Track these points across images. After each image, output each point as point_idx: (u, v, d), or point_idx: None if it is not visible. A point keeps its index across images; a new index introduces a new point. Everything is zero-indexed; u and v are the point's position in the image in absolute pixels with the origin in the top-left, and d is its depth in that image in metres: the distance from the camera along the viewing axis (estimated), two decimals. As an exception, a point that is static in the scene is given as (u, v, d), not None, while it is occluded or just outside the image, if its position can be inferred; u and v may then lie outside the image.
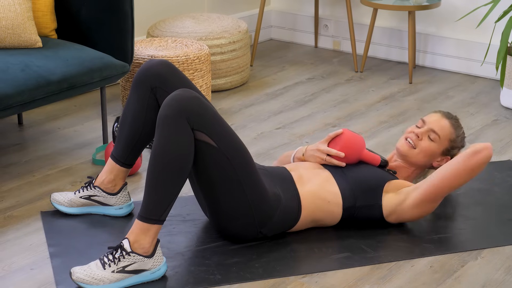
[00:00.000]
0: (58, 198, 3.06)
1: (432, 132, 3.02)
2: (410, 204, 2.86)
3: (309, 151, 3.05)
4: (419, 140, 3.02)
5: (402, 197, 2.88)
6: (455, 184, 2.82)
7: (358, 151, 2.97)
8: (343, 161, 2.97)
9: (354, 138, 2.97)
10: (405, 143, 3.04)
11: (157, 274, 2.64)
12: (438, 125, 3.03)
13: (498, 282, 2.67)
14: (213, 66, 4.43)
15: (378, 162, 2.99)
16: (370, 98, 4.47)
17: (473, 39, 4.82)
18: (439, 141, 3.01)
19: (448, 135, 3.02)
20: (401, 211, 2.89)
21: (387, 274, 2.71)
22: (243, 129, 3.97)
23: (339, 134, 3.00)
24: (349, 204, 2.89)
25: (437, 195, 2.84)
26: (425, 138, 3.02)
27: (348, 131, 2.99)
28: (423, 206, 2.86)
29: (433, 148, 3.01)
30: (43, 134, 3.88)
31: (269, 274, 2.69)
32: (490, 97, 4.48)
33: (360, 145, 2.97)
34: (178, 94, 2.65)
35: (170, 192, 2.59)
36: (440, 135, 3.01)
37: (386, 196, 2.90)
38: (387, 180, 2.93)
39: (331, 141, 3.01)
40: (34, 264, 2.74)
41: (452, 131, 3.03)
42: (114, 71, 3.54)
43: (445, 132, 3.02)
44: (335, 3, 5.37)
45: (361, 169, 2.96)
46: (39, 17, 3.60)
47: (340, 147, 2.96)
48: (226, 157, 2.69)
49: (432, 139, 3.01)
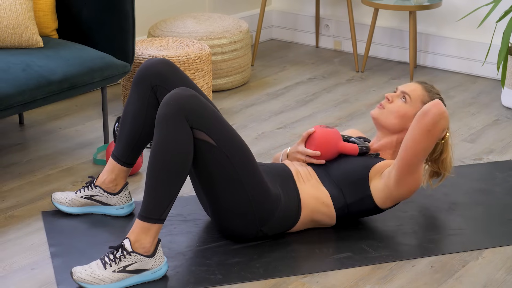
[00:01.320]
0: (59, 198, 3.06)
1: (404, 94, 2.96)
2: (393, 184, 2.81)
3: (291, 153, 3.05)
4: (390, 103, 2.97)
5: (385, 179, 2.84)
6: (418, 150, 2.74)
7: (333, 146, 2.96)
8: (321, 158, 2.96)
9: (326, 134, 2.96)
10: (376, 108, 3.00)
11: (158, 274, 2.64)
12: (409, 88, 2.97)
13: (499, 282, 2.67)
14: (214, 66, 4.43)
15: (356, 151, 2.95)
16: (371, 98, 4.47)
17: (474, 39, 4.82)
18: (411, 103, 2.94)
19: (420, 96, 2.95)
20: (390, 193, 2.84)
21: (388, 274, 2.71)
22: (244, 129, 3.97)
23: (311, 133, 2.99)
24: (340, 204, 2.88)
25: (410, 166, 2.77)
26: (396, 100, 2.97)
27: (319, 128, 2.98)
28: (405, 181, 2.80)
29: (404, 108, 2.94)
30: (44, 134, 3.88)
31: (270, 274, 2.69)
32: (491, 97, 4.48)
33: (334, 140, 2.96)
34: (177, 92, 2.65)
35: (170, 191, 2.59)
36: (411, 96, 2.94)
37: (372, 184, 2.87)
38: (370, 167, 2.88)
39: (306, 141, 3.01)
40: (35, 264, 2.74)
41: (425, 93, 2.96)
42: (115, 71, 3.54)
43: (416, 93, 2.95)
44: (336, 3, 5.37)
45: (342, 164, 2.93)
46: (40, 17, 3.60)
47: (315, 146, 2.96)
48: (226, 155, 2.69)
49: (405, 101, 2.95)
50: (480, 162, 3.61)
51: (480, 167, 3.56)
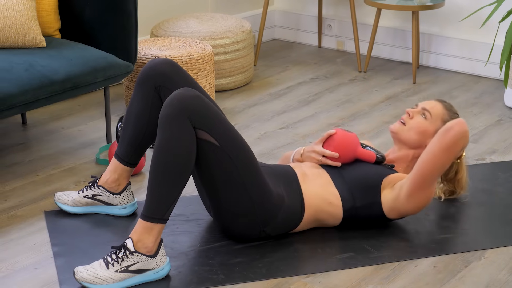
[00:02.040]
0: (62, 197, 3.06)
1: (424, 111, 3.00)
2: (404, 197, 2.84)
3: (306, 152, 3.05)
4: (410, 118, 3.01)
5: (397, 191, 2.86)
6: (437, 166, 2.78)
7: (352, 150, 2.96)
8: (338, 161, 2.97)
9: (347, 137, 2.96)
10: (397, 122, 3.04)
11: (161, 274, 2.64)
12: (430, 105, 3.02)
13: (502, 282, 2.67)
14: (217, 66, 4.43)
15: (373, 158, 2.97)
16: (374, 98, 4.47)
17: (477, 39, 4.82)
18: (431, 120, 2.99)
19: (440, 114, 2.99)
20: (399, 205, 2.87)
21: (391, 274, 2.71)
22: (247, 129, 3.97)
23: (332, 134, 2.99)
24: (349, 205, 2.89)
25: (424, 181, 2.80)
26: (416, 116, 3.01)
27: (341, 130, 2.99)
28: (416, 195, 2.83)
29: (425, 125, 2.98)
30: (46, 133, 3.88)
31: (273, 274, 2.69)
32: (494, 97, 4.48)
33: (353, 144, 2.96)
34: (180, 93, 2.65)
35: (172, 191, 2.60)
36: (431, 113, 2.99)
37: (384, 193, 2.89)
38: (384, 176, 2.91)
39: (325, 141, 3.00)
40: (38, 263, 2.75)
41: (445, 112, 3.00)
42: (117, 71, 3.55)
43: (437, 111, 3.00)
44: (339, 3, 5.37)
45: (357, 168, 2.95)
46: (43, 17, 3.60)
47: (334, 148, 2.96)
48: (229, 156, 2.69)
49: (425, 118, 2.99)
50: (482, 163, 3.61)
51: (482, 167, 3.56)
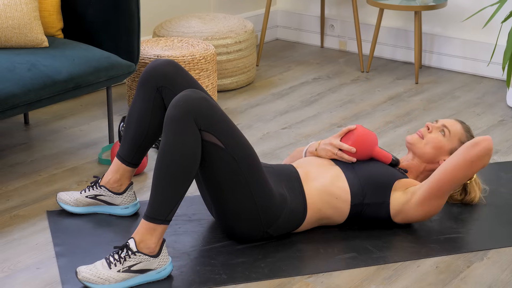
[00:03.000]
0: (64, 197, 3.07)
1: (444, 127, 3.03)
2: (415, 203, 2.86)
3: (322, 145, 3.05)
4: (429, 132, 3.04)
5: (408, 196, 2.88)
6: (456, 177, 2.81)
7: (370, 148, 2.97)
8: (354, 156, 2.97)
9: (367, 135, 2.97)
10: (415, 134, 3.07)
11: (163, 274, 2.64)
12: (450, 123, 3.05)
13: (504, 283, 2.67)
14: (219, 66, 4.43)
15: (389, 160, 2.99)
16: (376, 98, 4.47)
17: (480, 39, 4.82)
18: (449, 137, 3.02)
19: (458, 133, 3.03)
20: (408, 210, 2.88)
21: (393, 275, 2.71)
22: (249, 129, 3.97)
23: (352, 129, 3.00)
24: (357, 200, 2.89)
25: (440, 190, 2.83)
26: (435, 131, 3.03)
27: (361, 127, 3.00)
28: (428, 203, 2.85)
29: (442, 141, 3.01)
30: (49, 133, 3.88)
31: (275, 274, 2.69)
32: (496, 98, 4.48)
33: (372, 142, 2.97)
34: (186, 94, 2.65)
35: (176, 192, 2.60)
36: (451, 131, 3.02)
37: (394, 195, 2.90)
38: (397, 179, 2.93)
39: (344, 136, 3.01)
40: (40, 263, 2.75)
41: (463, 133, 3.04)
42: (120, 71, 3.55)
43: (456, 130, 3.03)
44: (341, 3, 5.37)
45: (371, 166, 2.95)
46: (45, 17, 3.61)
47: (352, 142, 2.96)
48: (233, 158, 2.69)
49: (443, 134, 3.02)
50: (485, 163, 3.61)
51: (485, 168, 3.55)
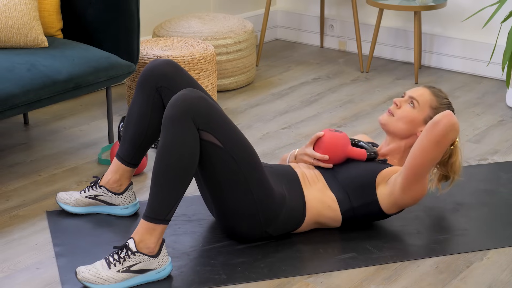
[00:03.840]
0: (64, 197, 3.06)
1: (412, 99, 2.96)
2: (398, 191, 2.82)
3: (298, 155, 3.04)
4: (398, 108, 2.98)
5: (391, 186, 2.84)
6: (427, 159, 2.74)
7: (341, 151, 2.96)
8: (329, 162, 2.96)
9: (335, 138, 2.96)
10: (385, 113, 3.00)
11: (163, 274, 2.64)
12: (417, 92, 2.98)
13: (504, 283, 2.67)
14: (219, 66, 4.43)
15: (364, 156, 2.96)
16: (376, 98, 4.47)
17: (479, 39, 4.82)
18: (419, 108, 2.94)
19: (428, 101, 2.95)
20: (395, 199, 2.85)
21: (393, 275, 2.71)
22: (249, 129, 3.97)
23: (320, 136, 2.99)
24: (346, 207, 2.88)
25: (416, 175, 2.78)
26: (404, 105, 2.97)
27: (328, 132, 2.98)
28: (410, 189, 2.81)
29: (413, 114, 2.94)
30: (49, 133, 3.88)
31: (275, 274, 2.69)
32: (496, 98, 4.48)
33: (342, 144, 2.96)
34: (184, 94, 2.65)
35: (175, 192, 2.60)
36: (419, 100, 2.95)
37: (379, 190, 2.87)
38: (377, 173, 2.88)
39: (315, 143, 3.00)
40: (40, 263, 2.75)
41: (433, 98, 2.96)
42: (120, 71, 3.55)
43: (424, 98, 2.95)
44: (341, 3, 5.37)
45: (349, 169, 2.93)
46: (45, 17, 3.60)
47: (323, 150, 2.96)
48: (232, 157, 2.69)
49: (413, 106, 2.95)
50: (485, 163, 3.61)
51: (485, 168, 3.56)
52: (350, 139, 3.03)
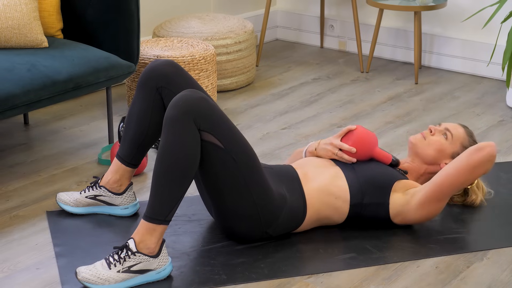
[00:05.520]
0: (64, 197, 3.07)
1: (446, 131, 3.04)
2: (415, 204, 2.86)
3: (321, 145, 3.05)
4: (432, 135, 3.04)
5: (408, 197, 2.88)
6: (458, 181, 2.82)
7: (370, 148, 2.97)
8: (354, 156, 2.97)
9: (367, 135, 2.97)
10: (418, 134, 3.08)
11: (163, 274, 2.64)
12: (453, 126, 3.06)
13: (504, 283, 2.67)
14: (219, 66, 4.43)
15: (389, 160, 2.99)
16: (376, 98, 4.47)
17: (479, 39, 4.82)
18: (451, 141, 3.02)
19: (461, 138, 3.03)
20: (407, 211, 2.88)
21: (393, 275, 2.71)
22: (249, 129, 3.97)
23: (353, 129, 3.00)
24: (356, 200, 2.89)
25: (440, 193, 2.83)
26: (438, 134, 3.04)
27: (361, 127, 3.00)
28: (428, 206, 2.85)
29: (444, 144, 3.02)
30: (49, 134, 3.88)
31: (275, 274, 2.69)
32: (496, 98, 4.48)
33: (372, 142, 2.97)
34: (185, 94, 2.65)
35: (176, 192, 2.60)
36: (453, 134, 3.03)
37: (393, 195, 2.90)
38: (397, 179, 2.93)
39: (344, 136, 3.01)
40: (40, 263, 2.75)
41: (466, 137, 3.05)
42: (120, 71, 3.55)
43: (458, 134, 3.04)
44: (341, 4, 5.37)
45: (371, 166, 2.95)
46: (45, 17, 3.61)
47: (352, 143, 2.96)
48: (233, 158, 2.69)
49: (446, 138, 3.03)
50: (485, 163, 3.61)
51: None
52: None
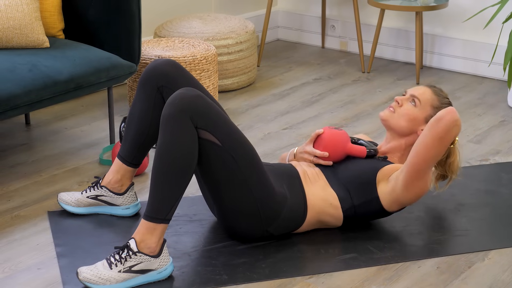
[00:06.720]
0: (65, 198, 3.07)
1: (413, 97, 2.97)
2: (400, 188, 2.82)
3: (298, 153, 3.05)
4: (400, 106, 2.98)
5: (392, 183, 2.84)
6: (430, 156, 2.75)
7: (341, 148, 2.96)
8: (329, 159, 2.97)
9: (335, 136, 2.96)
10: (386, 109, 3.01)
11: (164, 274, 2.64)
12: (418, 91, 2.98)
13: (505, 283, 2.67)
14: (220, 67, 4.43)
15: (364, 154, 2.96)
16: (377, 98, 4.47)
17: (481, 39, 4.82)
18: (420, 106, 2.95)
19: (429, 100, 2.96)
20: (397, 197, 2.84)
21: (394, 275, 2.71)
22: (250, 130, 3.97)
23: (320, 133, 2.99)
24: (347, 205, 2.88)
25: (419, 171, 2.78)
26: (406, 103, 2.98)
27: (328, 129, 2.99)
28: (412, 186, 2.80)
29: (414, 112, 2.95)
30: (50, 134, 3.88)
31: (276, 275, 2.69)
32: (497, 98, 4.47)
33: (342, 141, 2.96)
34: (182, 92, 2.66)
35: (175, 191, 2.60)
36: (420, 99, 2.95)
37: (380, 187, 2.87)
38: (378, 170, 2.88)
39: (315, 141, 3.01)
40: (41, 263, 2.75)
41: (434, 97, 2.97)
42: (121, 71, 3.55)
43: (425, 97, 2.96)
44: (342, 4, 5.37)
45: (349, 166, 2.93)
46: (46, 17, 3.61)
47: (323, 147, 2.96)
48: (231, 156, 2.69)
49: (414, 105, 2.96)
50: (486, 163, 3.61)
51: (486, 168, 3.56)
52: (349, 137, 3.03)
